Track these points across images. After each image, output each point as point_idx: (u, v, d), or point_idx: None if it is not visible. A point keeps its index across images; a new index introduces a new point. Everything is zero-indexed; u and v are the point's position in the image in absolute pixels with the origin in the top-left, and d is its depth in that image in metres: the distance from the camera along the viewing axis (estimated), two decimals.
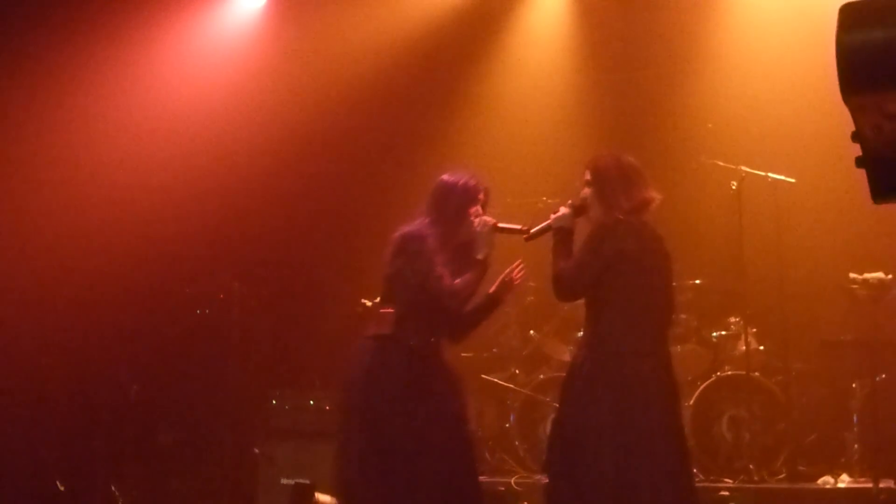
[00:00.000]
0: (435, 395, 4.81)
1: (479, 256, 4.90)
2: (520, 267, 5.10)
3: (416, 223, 4.90)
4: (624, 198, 4.70)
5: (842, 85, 1.57)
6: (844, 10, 1.56)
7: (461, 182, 4.98)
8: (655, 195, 4.79)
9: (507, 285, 5.08)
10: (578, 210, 4.83)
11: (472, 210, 4.96)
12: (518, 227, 5.04)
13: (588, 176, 4.83)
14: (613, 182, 4.74)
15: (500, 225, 4.99)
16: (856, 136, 1.67)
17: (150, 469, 7.97)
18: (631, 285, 4.62)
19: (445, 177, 5.02)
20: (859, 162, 1.68)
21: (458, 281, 4.82)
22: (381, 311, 4.92)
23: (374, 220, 5.11)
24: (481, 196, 5.01)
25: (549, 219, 4.86)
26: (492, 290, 5.07)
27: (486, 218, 4.97)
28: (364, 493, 4.73)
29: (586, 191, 4.83)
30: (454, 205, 4.93)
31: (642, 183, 4.78)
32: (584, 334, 4.89)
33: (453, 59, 9.21)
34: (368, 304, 5.96)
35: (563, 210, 4.83)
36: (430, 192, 5.02)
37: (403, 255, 4.84)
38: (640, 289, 4.65)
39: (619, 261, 4.60)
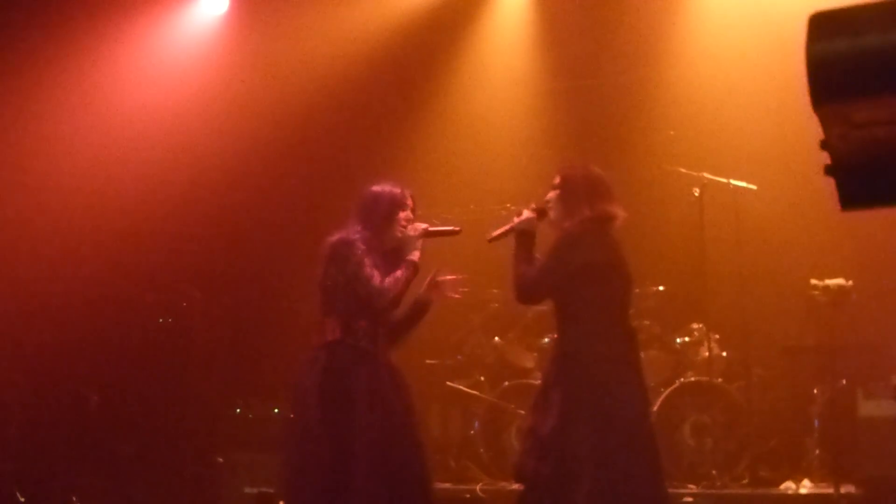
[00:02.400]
0: (386, 396, 4.82)
1: (410, 257, 4.92)
2: (448, 270, 5.13)
3: (345, 230, 4.95)
4: (587, 207, 4.76)
5: (812, 95, 1.58)
6: (814, 20, 1.57)
7: (388, 189, 5.06)
8: (620, 211, 4.85)
9: (433, 287, 5.09)
10: (541, 213, 4.90)
11: (402, 215, 5.01)
12: (450, 228, 5.12)
13: (556, 181, 4.91)
14: (579, 190, 4.82)
15: (432, 228, 5.05)
16: (824, 145, 1.68)
17: (111, 479, 7.88)
18: (601, 294, 4.68)
19: (373, 187, 5.09)
20: (828, 170, 1.69)
21: (387, 280, 4.83)
22: (323, 320, 4.92)
23: (338, 227, 5.10)
24: (409, 202, 5.06)
25: (511, 222, 4.93)
26: (420, 292, 5.07)
27: (418, 223, 5.02)
28: (316, 496, 4.71)
29: (551, 194, 4.90)
30: (382, 210, 4.99)
31: (608, 196, 4.86)
32: (556, 342, 4.93)
33: (416, 66, 9.21)
34: None
35: (525, 213, 4.90)
36: (359, 201, 5.07)
37: (334, 261, 4.88)
38: (611, 297, 4.73)
39: (588, 270, 4.66)
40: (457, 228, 5.11)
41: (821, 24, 1.55)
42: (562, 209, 4.83)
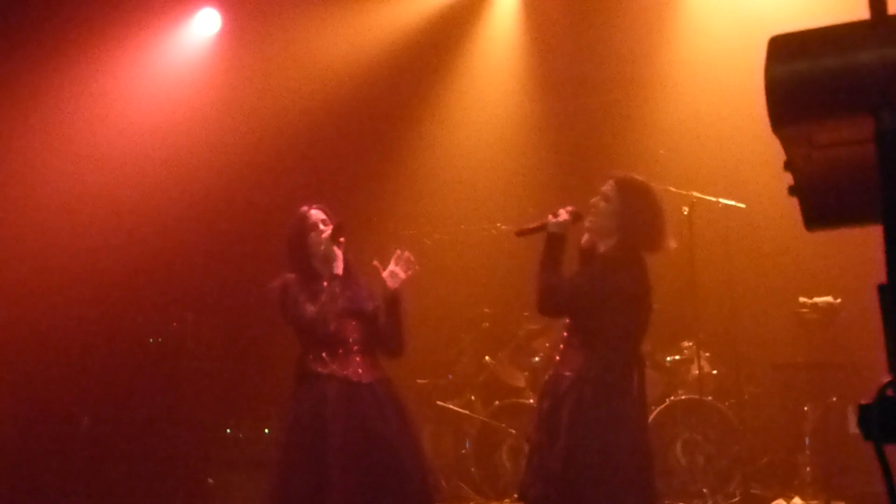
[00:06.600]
0: (364, 417, 4.80)
1: (336, 271, 4.88)
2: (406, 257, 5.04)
3: (282, 273, 5.00)
4: (645, 240, 4.57)
5: (771, 117, 1.59)
6: (773, 43, 1.58)
7: (292, 218, 5.09)
8: (673, 242, 4.66)
9: (391, 278, 4.97)
10: (576, 217, 4.58)
11: (313, 235, 4.99)
12: (338, 223, 4.99)
13: (609, 189, 4.61)
14: (638, 215, 4.57)
15: (335, 232, 4.97)
16: (788, 166, 1.70)
17: (101, 501, 7.86)
18: (627, 323, 4.52)
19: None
20: (792, 191, 1.71)
21: (317, 308, 4.81)
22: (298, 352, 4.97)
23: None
24: (315, 220, 5.03)
25: (545, 219, 4.60)
26: (383, 292, 4.97)
27: (323, 235, 4.98)
28: None
29: (598, 201, 4.60)
30: (295, 241, 5.03)
31: (665, 227, 4.64)
32: (568, 364, 4.56)
33: (406, 87, 9.23)
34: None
35: (562, 214, 4.55)
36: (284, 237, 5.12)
37: (279, 305, 4.94)
38: (634, 327, 4.57)
39: (621, 298, 4.48)
40: (340, 221, 4.99)
41: (780, 47, 1.57)
42: (608, 225, 4.58)
